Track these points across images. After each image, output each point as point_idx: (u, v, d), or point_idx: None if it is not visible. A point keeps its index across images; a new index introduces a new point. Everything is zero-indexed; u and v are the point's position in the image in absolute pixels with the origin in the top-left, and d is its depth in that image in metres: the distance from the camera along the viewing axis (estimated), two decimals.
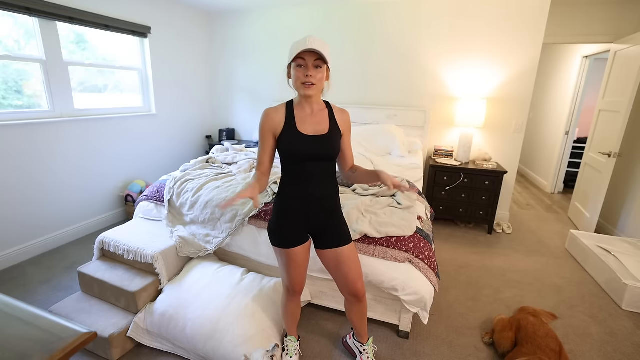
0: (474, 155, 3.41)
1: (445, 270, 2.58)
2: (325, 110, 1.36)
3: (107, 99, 3.14)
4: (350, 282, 1.42)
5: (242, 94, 4.28)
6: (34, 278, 2.31)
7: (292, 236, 1.38)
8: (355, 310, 1.53)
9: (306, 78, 1.21)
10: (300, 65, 1.21)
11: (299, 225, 1.38)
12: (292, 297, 1.54)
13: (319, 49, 1.17)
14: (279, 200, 1.40)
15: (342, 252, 1.40)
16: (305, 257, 1.44)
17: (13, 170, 2.41)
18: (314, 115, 1.33)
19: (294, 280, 1.46)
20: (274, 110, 1.33)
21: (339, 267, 1.41)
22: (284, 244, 1.38)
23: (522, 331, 1.69)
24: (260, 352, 1.52)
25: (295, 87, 1.28)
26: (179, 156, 4.00)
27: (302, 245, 1.40)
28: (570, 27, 3.44)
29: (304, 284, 1.52)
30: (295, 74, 1.24)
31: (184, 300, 1.76)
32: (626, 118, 2.82)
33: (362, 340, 1.64)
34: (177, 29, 3.72)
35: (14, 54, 2.40)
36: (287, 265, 1.42)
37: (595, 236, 2.84)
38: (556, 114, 4.90)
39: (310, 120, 1.32)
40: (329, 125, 1.33)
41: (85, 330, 0.97)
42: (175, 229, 2.14)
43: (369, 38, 3.55)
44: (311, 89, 1.23)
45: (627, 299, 2.17)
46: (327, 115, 1.35)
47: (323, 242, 1.41)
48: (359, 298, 1.47)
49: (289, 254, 1.39)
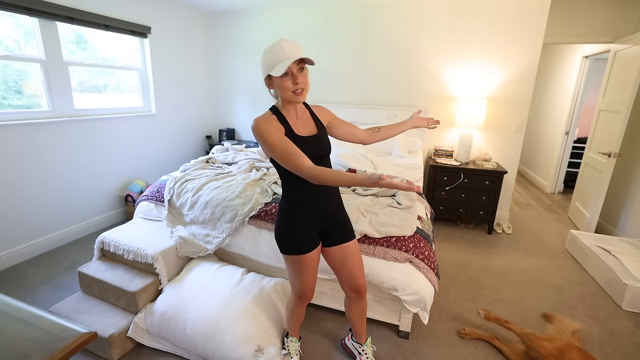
0: (474, 155, 3.41)
1: (445, 270, 2.58)
2: (307, 111, 1.37)
3: (107, 99, 3.14)
4: (354, 278, 1.44)
5: (242, 94, 4.28)
6: (34, 278, 2.31)
7: (307, 240, 1.34)
8: (355, 308, 1.53)
9: (296, 86, 1.18)
10: (287, 74, 1.16)
11: (312, 227, 1.35)
12: (302, 303, 1.51)
13: (301, 55, 1.14)
14: (287, 205, 1.34)
15: (348, 248, 1.41)
16: (317, 260, 1.42)
17: (13, 170, 2.41)
18: (300, 118, 1.33)
19: (307, 286, 1.42)
20: (267, 118, 1.24)
21: (344, 262, 1.42)
22: (300, 250, 1.33)
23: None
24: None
25: (284, 98, 1.22)
26: (179, 156, 4.00)
27: (316, 249, 1.38)
28: (570, 27, 3.44)
29: (314, 289, 1.49)
30: (281, 84, 1.17)
31: (184, 300, 1.76)
32: (626, 118, 2.82)
33: (360, 341, 1.64)
34: (177, 29, 3.72)
35: (14, 54, 2.40)
36: (302, 271, 1.37)
37: (595, 236, 2.84)
38: (556, 114, 4.90)
39: (300, 123, 1.32)
40: (316, 125, 1.36)
41: (85, 330, 0.97)
42: (175, 229, 2.14)
43: (369, 38, 3.55)
44: (302, 95, 1.21)
45: (627, 299, 2.17)
46: (310, 116, 1.37)
47: (331, 240, 1.41)
48: (361, 294, 1.47)
49: (304, 260, 1.35)
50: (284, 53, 1.13)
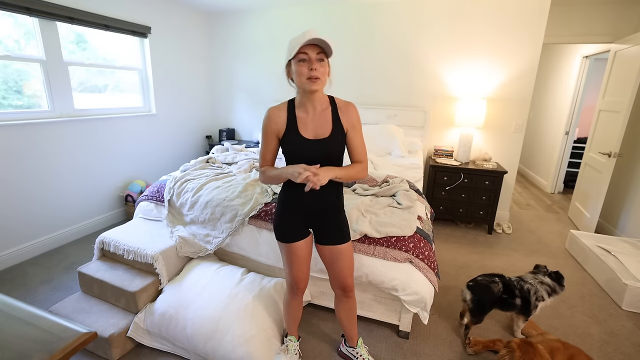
0: (474, 155, 3.41)
1: (445, 270, 2.57)
2: (329, 108, 1.31)
3: (107, 99, 3.14)
4: (342, 277, 1.47)
5: (242, 94, 4.28)
6: (34, 278, 2.31)
7: (294, 231, 1.40)
8: (343, 308, 1.56)
9: (311, 72, 1.18)
10: (303, 60, 1.18)
11: (298, 220, 1.40)
12: (294, 296, 1.55)
13: (319, 38, 1.15)
14: (282, 195, 1.42)
15: (340, 250, 1.43)
16: (308, 252, 1.46)
17: (13, 170, 2.41)
18: (316, 116, 1.30)
19: (297, 276, 1.47)
20: (277, 110, 1.31)
21: (334, 262, 1.45)
22: (286, 238, 1.40)
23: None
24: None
25: (298, 84, 1.24)
26: (179, 156, 4.00)
27: (303, 240, 1.42)
28: (570, 27, 3.44)
29: (307, 281, 1.53)
30: (298, 69, 1.19)
31: (184, 300, 1.76)
32: (626, 118, 2.82)
33: (352, 344, 1.65)
34: (177, 29, 3.72)
35: (14, 54, 2.40)
36: (291, 259, 1.44)
37: (595, 236, 2.84)
38: (556, 114, 4.90)
39: (312, 123, 1.29)
40: (332, 127, 1.30)
41: (85, 330, 0.97)
42: (175, 229, 2.14)
43: (369, 38, 3.55)
44: (316, 83, 1.20)
45: (627, 299, 2.17)
46: (329, 116, 1.30)
47: (323, 239, 1.43)
48: (347, 292, 1.51)
49: (291, 248, 1.42)
50: (304, 38, 1.14)
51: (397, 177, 2.35)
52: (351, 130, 1.34)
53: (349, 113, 1.33)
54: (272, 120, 1.30)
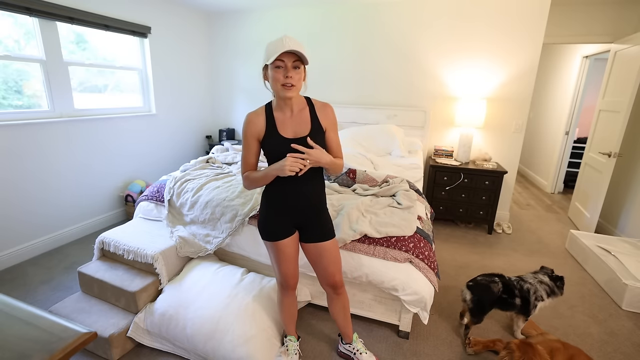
0: (474, 155, 3.41)
1: (445, 270, 2.57)
2: (306, 108, 1.36)
3: (107, 99, 3.14)
4: (329, 274, 1.49)
5: (242, 94, 4.28)
6: (34, 278, 2.31)
7: (279, 229, 1.42)
8: (335, 305, 1.57)
9: (286, 79, 1.22)
10: (279, 67, 1.21)
11: (285, 218, 1.41)
12: (286, 293, 1.56)
13: (297, 49, 1.18)
14: (265, 195, 1.43)
15: (324, 247, 1.45)
16: (295, 249, 1.48)
17: (13, 170, 2.41)
18: (294, 117, 1.33)
19: (286, 273, 1.49)
20: (255, 114, 1.34)
21: (320, 259, 1.47)
22: (272, 236, 1.42)
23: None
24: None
25: (274, 90, 1.28)
26: (179, 156, 4.00)
27: (289, 238, 1.44)
28: (570, 27, 3.44)
29: (297, 278, 1.55)
30: (273, 75, 1.23)
31: (184, 300, 1.76)
32: (626, 118, 2.82)
33: (348, 341, 1.66)
34: (177, 29, 3.72)
35: (14, 54, 2.40)
36: (277, 258, 1.46)
37: (595, 236, 2.84)
38: (556, 114, 4.90)
39: (291, 123, 1.33)
40: (310, 126, 1.34)
41: (85, 330, 0.97)
42: (175, 229, 2.14)
43: (369, 38, 3.55)
44: (291, 90, 1.24)
45: (627, 299, 2.17)
46: (308, 115, 1.35)
47: (307, 236, 1.46)
48: (336, 289, 1.52)
49: (278, 247, 1.43)
50: (282, 46, 1.17)
51: (397, 177, 2.35)
52: (330, 130, 1.40)
53: (327, 113, 1.39)
54: (251, 123, 1.32)
